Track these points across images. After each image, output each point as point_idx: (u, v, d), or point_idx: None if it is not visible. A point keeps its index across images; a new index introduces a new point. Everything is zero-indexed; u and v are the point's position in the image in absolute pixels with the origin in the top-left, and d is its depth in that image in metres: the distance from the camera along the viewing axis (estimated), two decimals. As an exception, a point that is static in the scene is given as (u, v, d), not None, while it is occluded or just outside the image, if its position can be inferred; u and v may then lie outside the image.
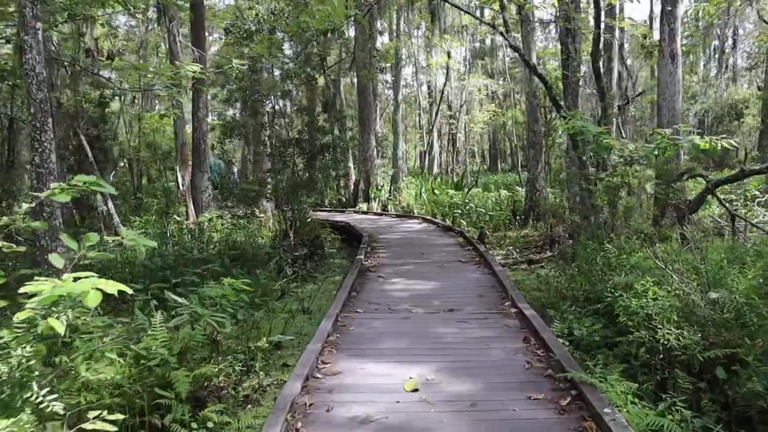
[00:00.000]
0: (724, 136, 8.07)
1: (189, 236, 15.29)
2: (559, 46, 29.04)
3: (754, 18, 31.58)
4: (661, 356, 5.57)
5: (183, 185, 19.31)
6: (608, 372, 5.85)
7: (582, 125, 7.49)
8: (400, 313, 7.91)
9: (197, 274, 9.70)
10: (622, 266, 7.76)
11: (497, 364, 5.86)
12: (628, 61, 21.25)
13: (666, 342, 5.40)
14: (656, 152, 8.01)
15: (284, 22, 12.49)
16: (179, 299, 6.58)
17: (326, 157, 13.67)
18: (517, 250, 15.26)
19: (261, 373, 6.69)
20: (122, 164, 33.33)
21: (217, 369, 5.80)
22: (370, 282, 9.95)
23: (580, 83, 13.86)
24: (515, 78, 35.26)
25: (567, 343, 7.18)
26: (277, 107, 13.94)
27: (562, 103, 13.43)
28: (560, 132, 21.05)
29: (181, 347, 5.50)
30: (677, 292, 6.18)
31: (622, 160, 8.45)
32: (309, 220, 16.20)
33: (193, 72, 14.62)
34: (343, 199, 27.09)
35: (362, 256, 11.73)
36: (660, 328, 5.61)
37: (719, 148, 8.07)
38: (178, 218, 17.06)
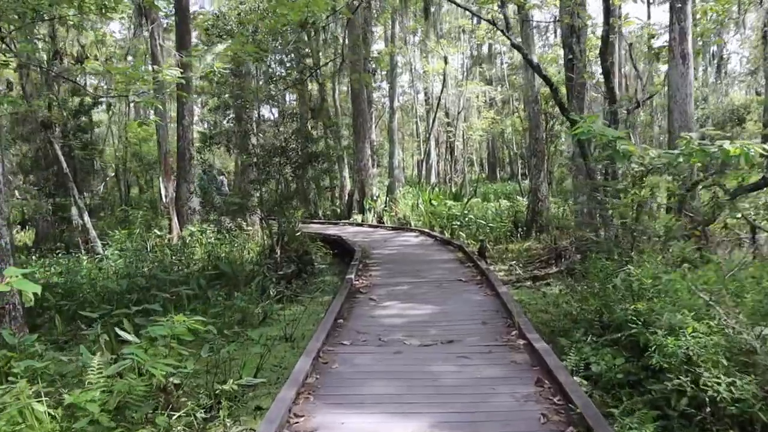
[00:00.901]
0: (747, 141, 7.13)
1: (169, 252, 14.31)
2: (559, 51, 28.17)
3: (751, 23, 30.88)
4: (708, 409, 4.56)
5: (166, 197, 18.33)
6: (639, 424, 4.86)
7: (598, 129, 6.52)
8: (392, 345, 6.90)
9: (166, 299, 8.70)
10: (646, 290, 6.76)
11: (507, 416, 4.85)
12: (640, 66, 20.37)
13: (715, 393, 4.40)
14: (681, 159, 7.03)
15: (267, 20, 11.55)
16: (129, 336, 5.57)
17: (316, 166, 12.70)
18: (520, 265, 14.26)
19: (228, 420, 5.69)
20: (113, 174, 32.42)
21: (167, 424, 4.79)
22: (359, 306, 8.94)
23: (586, 86, 12.89)
24: (514, 85, 34.40)
25: (584, 381, 6.20)
26: (262, 113, 13.02)
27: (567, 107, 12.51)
28: (563, 139, 20.15)
29: (118, 402, 4.49)
30: (721, 327, 5.18)
31: (642, 168, 7.46)
32: (298, 233, 15.21)
33: (172, 77, 13.69)
34: (338, 211, 26.12)
35: (353, 276, 10.72)
36: (704, 374, 4.61)
37: (751, 153, 7.10)
38: (158, 232, 16.04)
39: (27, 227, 26.28)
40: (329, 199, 29.42)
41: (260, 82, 13.72)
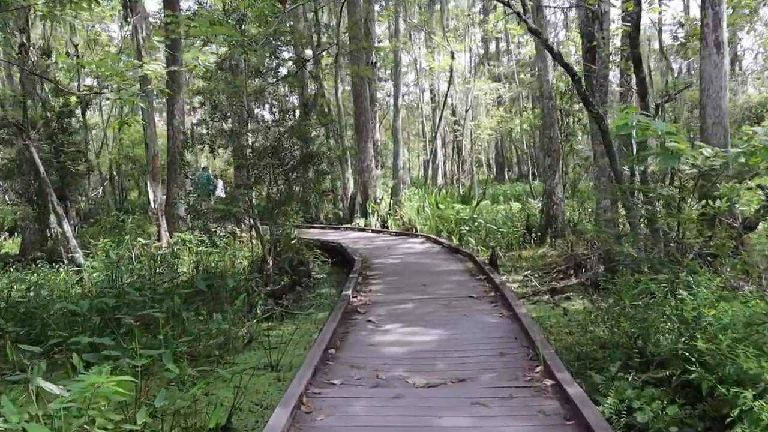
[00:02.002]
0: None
1: (153, 263, 13.14)
2: (570, 46, 26.90)
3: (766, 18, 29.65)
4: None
5: (155, 201, 17.16)
6: None
7: (644, 122, 5.29)
8: (392, 385, 5.69)
9: (132, 324, 7.50)
10: (705, 321, 5.51)
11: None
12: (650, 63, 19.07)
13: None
14: (741, 158, 5.79)
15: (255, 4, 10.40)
16: (54, 388, 4.38)
17: (311, 168, 11.51)
18: (536, 275, 13.02)
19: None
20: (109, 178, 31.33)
21: None
22: (356, 330, 7.73)
23: (609, 78, 11.65)
24: (523, 82, 33.12)
25: (630, 435, 5.02)
26: (255, 112, 11.84)
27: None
28: (579, 137, 18.88)
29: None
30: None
31: (694, 170, 6.21)
32: (294, 241, 14.03)
33: (155, 72, 12.54)
34: (341, 214, 24.89)
35: (350, 292, 9.50)
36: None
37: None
38: (143, 240, 14.86)
39: (16, 234, 25.21)
40: (331, 202, 28.23)
41: (255, 79, 12.53)
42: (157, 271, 13.12)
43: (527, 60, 38.31)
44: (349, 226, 21.10)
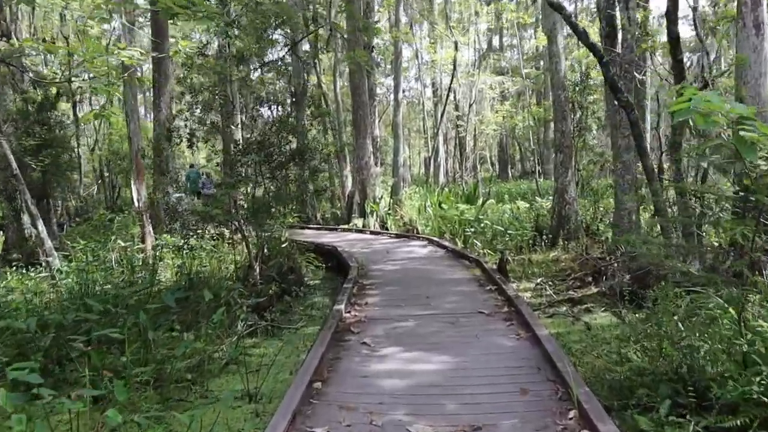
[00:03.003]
0: None
1: (131, 269, 11.99)
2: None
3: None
4: None
5: (139, 200, 15.99)
6: None
7: (716, 104, 4.11)
8: (390, 437, 4.53)
9: (83, 348, 6.33)
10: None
11: None
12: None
13: None
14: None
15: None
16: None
17: (302, 165, 10.32)
18: (550, 282, 11.84)
19: None
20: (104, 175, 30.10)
21: None
22: (348, 356, 6.55)
23: (635, 64, 10.45)
24: (529, 76, 31.86)
25: None
26: (234, 100, 10.65)
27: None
28: (594, 131, 17.68)
29: None
30: None
31: None
32: (285, 244, 12.86)
33: (131, 58, 11.37)
34: (338, 213, 23.69)
35: (342, 306, 8.32)
36: None
37: None
38: (123, 243, 13.70)
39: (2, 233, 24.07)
40: (329, 201, 27.06)
41: (240, 66, 11.33)
42: (136, 277, 12.01)
43: (533, 54, 37.14)
44: (346, 226, 19.91)
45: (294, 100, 9.97)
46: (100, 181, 30.32)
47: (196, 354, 7.83)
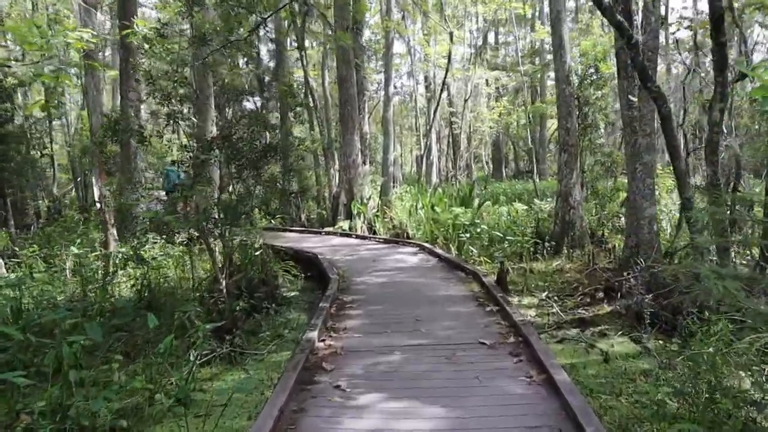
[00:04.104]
0: None
1: (82, 281, 10.57)
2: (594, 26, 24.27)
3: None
4: None
5: (102, 201, 14.52)
6: None
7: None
8: None
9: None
10: None
11: None
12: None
13: None
14: None
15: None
16: None
17: (272, 163, 8.91)
18: (555, 298, 10.50)
19: None
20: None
21: None
22: (315, 407, 5.16)
23: (659, 50, 9.10)
24: (527, 73, 30.50)
25: None
26: (197, 87, 9.24)
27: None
28: (601, 129, 16.32)
29: None
30: None
31: None
32: (259, 251, 11.48)
33: (80, 40, 9.97)
34: (325, 214, 22.26)
35: (315, 333, 6.93)
36: None
37: None
38: (77, 250, 12.24)
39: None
40: (315, 201, 25.62)
41: (203, 48, 9.86)
42: (88, 291, 10.60)
43: (529, 51, 35.81)
44: (331, 229, 18.49)
45: (263, 88, 8.64)
46: (79, 179, 28.82)
47: (136, 393, 6.46)
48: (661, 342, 7.84)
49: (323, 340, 6.91)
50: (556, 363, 5.68)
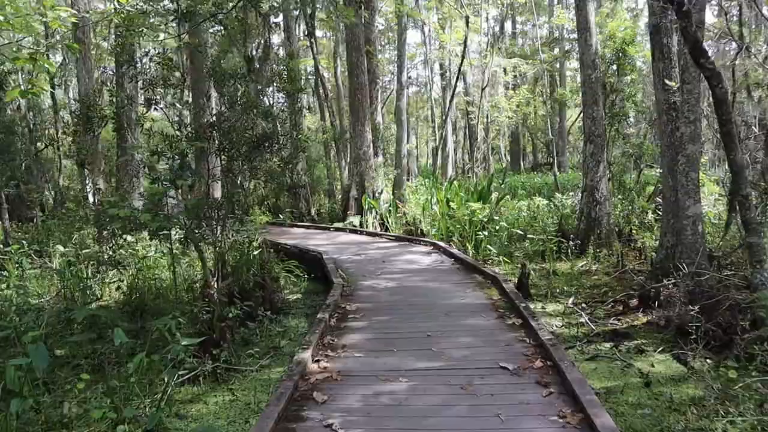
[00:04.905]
0: None
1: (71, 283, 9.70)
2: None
3: None
4: None
5: (95, 195, 13.68)
6: None
7: None
8: None
9: None
10: None
11: None
12: None
13: None
14: None
15: None
16: None
17: (265, 154, 7.91)
18: (583, 304, 9.46)
19: None
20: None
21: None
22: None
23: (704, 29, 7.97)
24: (546, 61, 29.26)
25: None
26: (184, 72, 8.27)
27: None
28: (631, 118, 15.18)
29: None
30: None
31: None
32: (258, 251, 10.55)
33: (56, 18, 9.03)
34: (336, 209, 21.29)
35: (309, 352, 5.96)
36: None
37: None
38: (62, 249, 11.37)
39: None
40: (327, 195, 24.69)
41: (186, 23, 8.89)
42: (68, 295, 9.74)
43: (549, 37, 34.54)
44: (340, 225, 17.50)
45: (250, 68, 7.69)
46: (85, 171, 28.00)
47: (95, 426, 5.55)
48: (709, 361, 6.80)
49: (318, 361, 5.93)
50: (595, 400, 4.66)
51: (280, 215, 20.33)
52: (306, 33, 23.41)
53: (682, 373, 6.68)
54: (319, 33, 39.57)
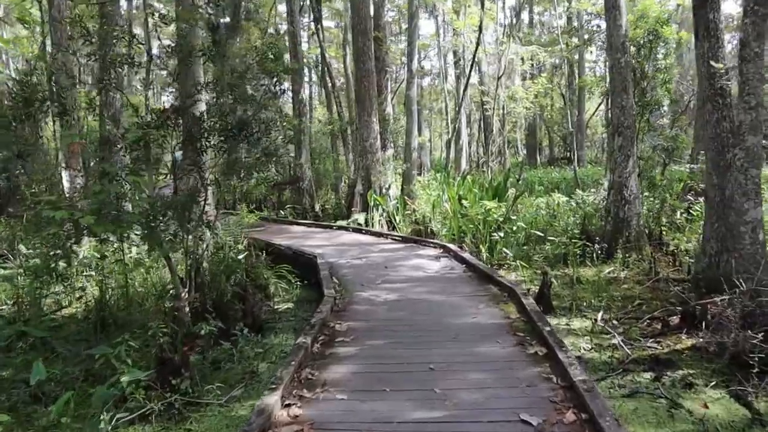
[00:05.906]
0: None
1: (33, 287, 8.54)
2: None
3: None
4: None
5: (72, 189, 12.54)
6: None
7: None
8: None
9: None
10: None
11: None
12: None
13: None
14: None
15: None
16: None
17: (243, 144, 6.67)
18: (614, 321, 8.15)
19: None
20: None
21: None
22: None
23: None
24: (565, 49, 27.76)
25: None
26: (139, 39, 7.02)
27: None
28: (665, 107, 13.78)
29: None
30: None
31: None
32: (244, 253, 9.35)
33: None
34: (342, 204, 20.05)
35: (278, 394, 4.70)
36: None
37: None
38: (25, 250, 10.21)
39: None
40: (333, 189, 23.48)
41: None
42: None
43: (567, 26, 33.05)
44: (343, 223, 16.24)
45: (214, 40, 6.47)
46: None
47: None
48: (778, 402, 5.50)
49: (288, 406, 4.68)
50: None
51: (281, 211, 19.17)
52: (312, 19, 22.17)
53: (743, 418, 5.39)
54: (330, 23, 38.34)
